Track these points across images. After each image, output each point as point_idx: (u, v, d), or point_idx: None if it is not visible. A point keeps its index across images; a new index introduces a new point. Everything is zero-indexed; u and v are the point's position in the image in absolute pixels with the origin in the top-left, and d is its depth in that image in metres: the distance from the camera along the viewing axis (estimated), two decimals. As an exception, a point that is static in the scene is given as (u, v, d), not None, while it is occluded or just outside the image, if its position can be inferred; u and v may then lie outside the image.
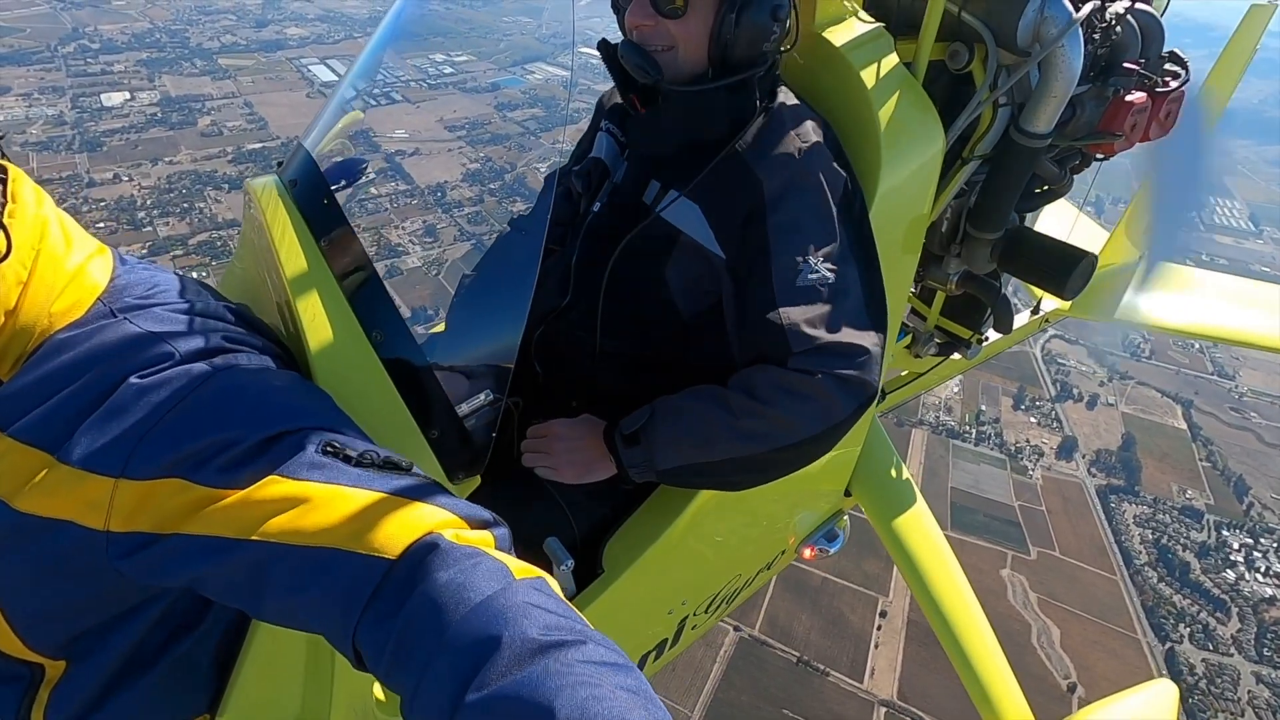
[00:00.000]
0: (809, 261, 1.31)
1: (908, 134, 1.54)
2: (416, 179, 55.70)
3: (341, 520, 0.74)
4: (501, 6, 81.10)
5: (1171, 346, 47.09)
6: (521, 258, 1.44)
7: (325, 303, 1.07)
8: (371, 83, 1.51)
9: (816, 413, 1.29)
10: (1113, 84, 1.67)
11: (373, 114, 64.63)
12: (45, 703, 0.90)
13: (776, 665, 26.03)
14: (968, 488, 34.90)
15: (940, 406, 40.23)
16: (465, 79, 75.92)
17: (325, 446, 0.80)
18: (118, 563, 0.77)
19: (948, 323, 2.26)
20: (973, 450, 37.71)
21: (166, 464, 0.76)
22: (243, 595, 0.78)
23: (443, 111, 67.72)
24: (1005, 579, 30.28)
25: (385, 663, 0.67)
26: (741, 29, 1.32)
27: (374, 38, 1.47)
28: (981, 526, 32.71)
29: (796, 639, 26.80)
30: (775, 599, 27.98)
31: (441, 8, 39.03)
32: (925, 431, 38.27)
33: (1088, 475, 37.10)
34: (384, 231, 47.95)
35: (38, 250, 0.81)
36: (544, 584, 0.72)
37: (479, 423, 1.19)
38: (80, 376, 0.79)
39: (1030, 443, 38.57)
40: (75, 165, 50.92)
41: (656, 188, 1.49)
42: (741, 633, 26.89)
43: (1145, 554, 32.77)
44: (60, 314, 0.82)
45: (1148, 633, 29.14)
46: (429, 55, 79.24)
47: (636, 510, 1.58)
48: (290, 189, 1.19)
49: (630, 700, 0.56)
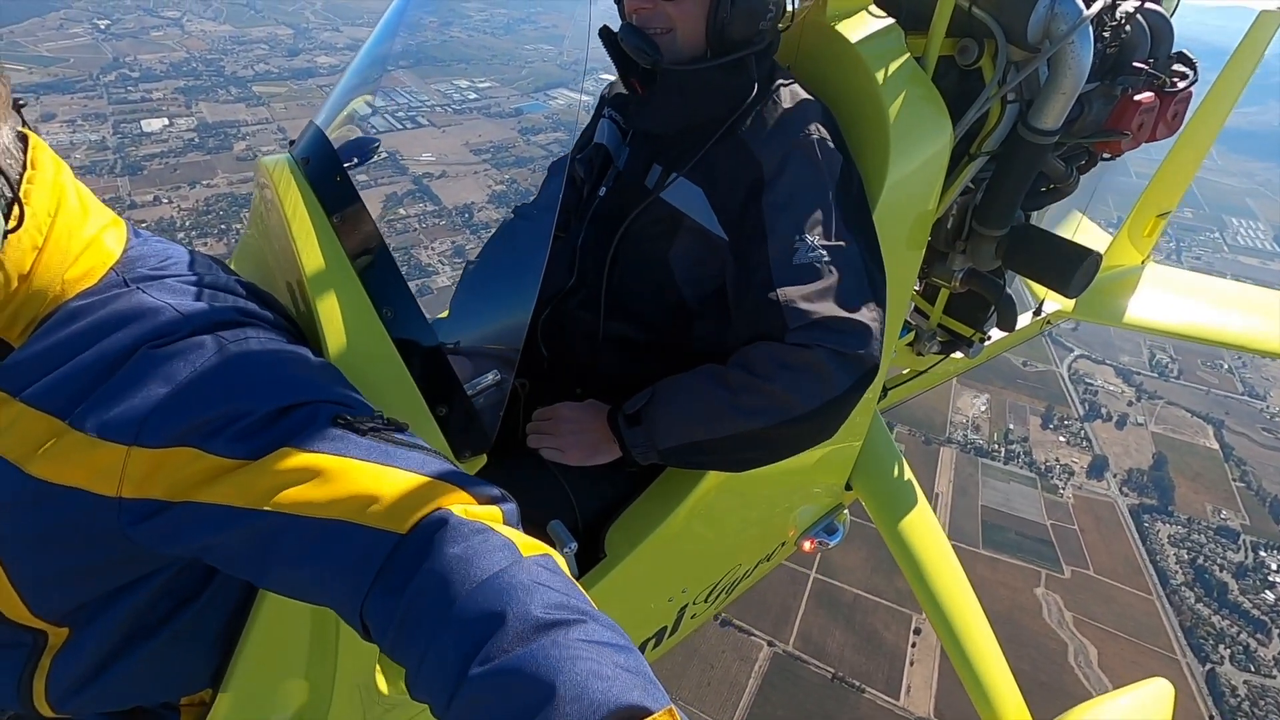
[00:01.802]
0: (806, 239, 1.31)
1: (916, 128, 1.55)
2: (444, 200, 56.84)
3: (352, 493, 0.75)
4: (524, 34, 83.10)
5: (1200, 366, 46.72)
6: (531, 241, 1.45)
7: (337, 279, 1.07)
8: (383, 69, 1.48)
9: (815, 387, 1.28)
10: (1121, 83, 1.66)
11: (399, 137, 66.41)
12: (46, 670, 0.90)
13: (812, 681, 25.87)
14: (998, 506, 34.64)
15: (968, 425, 40.11)
16: (489, 104, 77.45)
17: (337, 419, 0.80)
18: (129, 529, 0.78)
19: (951, 321, 2.27)
20: (1002, 469, 37.46)
21: (179, 433, 0.76)
22: (251, 565, 0.79)
23: (468, 135, 69.08)
24: (1039, 597, 29.97)
25: (391, 635, 0.68)
26: (738, 9, 1.34)
27: (380, 24, 1.47)
28: (1013, 545, 32.44)
29: (831, 655, 26.64)
30: (808, 615, 27.88)
31: (464, 34, 39.40)
32: (954, 450, 38.11)
33: (1119, 494, 36.71)
34: (413, 252, 48.83)
35: (54, 217, 0.81)
36: (551, 561, 0.73)
37: (486, 402, 1.19)
38: (93, 344, 0.79)
39: (1060, 462, 38.25)
40: (118, 188, 52.52)
41: (659, 171, 1.50)
42: (776, 648, 26.79)
43: (1181, 574, 32.29)
44: (74, 281, 0.82)
45: (1187, 653, 28.65)
46: (453, 81, 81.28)
47: (640, 496, 1.58)
48: (302, 166, 1.19)
49: (630, 680, 0.57)
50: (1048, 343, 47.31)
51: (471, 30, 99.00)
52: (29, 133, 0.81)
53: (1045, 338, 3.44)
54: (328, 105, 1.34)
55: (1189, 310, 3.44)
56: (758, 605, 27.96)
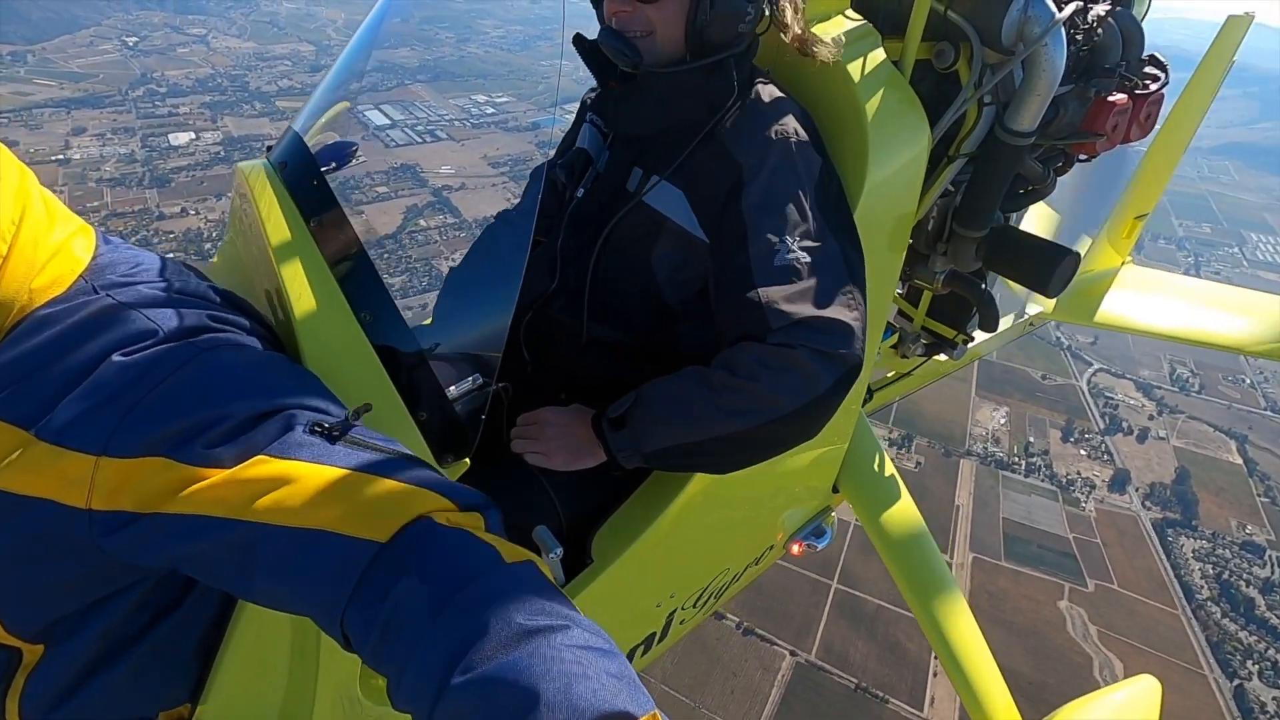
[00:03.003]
0: (785, 241, 1.32)
1: (895, 130, 1.56)
2: (464, 212, 57.60)
3: (331, 501, 0.73)
4: (540, 50, 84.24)
5: (1222, 381, 46.46)
6: (511, 245, 1.43)
7: (313, 283, 1.05)
8: (361, 75, 1.49)
9: (797, 386, 1.28)
10: (1095, 85, 1.69)
11: (419, 150, 67.26)
12: (20, 688, 0.87)
13: (835, 691, 25.83)
14: (1020, 518, 34.56)
15: (988, 437, 40.07)
16: (506, 118, 78.53)
17: (314, 426, 0.78)
18: (101, 540, 0.76)
19: (933, 323, 2.27)
20: (1023, 481, 37.39)
21: (149, 442, 0.74)
22: (229, 576, 0.76)
23: (486, 149, 70.05)
24: (1063, 611, 29.81)
25: (372, 645, 0.67)
26: (717, 11, 1.34)
27: (363, 27, 1.48)
28: (1036, 558, 32.31)
29: (854, 665, 26.61)
30: (830, 625, 27.89)
31: (480, 50, 39.87)
32: (974, 462, 38.08)
33: (1142, 508, 36.52)
34: (434, 262, 49.47)
35: (18, 224, 0.79)
36: (533, 568, 0.72)
37: (468, 406, 1.18)
38: (61, 353, 0.77)
39: (1081, 475, 38.15)
40: (146, 200, 53.72)
41: (639, 174, 1.50)
42: (798, 658, 26.78)
43: (1207, 589, 32.03)
44: (41, 290, 0.80)
45: (1214, 669, 28.36)
46: (471, 96, 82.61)
47: (626, 500, 1.57)
48: (280, 171, 1.18)
49: (616, 686, 0.57)
50: (1067, 357, 47.21)
51: (489, 46, 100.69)
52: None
53: (1064, 352, 3.61)
54: (306, 111, 1.32)
55: (1167, 310, 3.49)
56: (780, 615, 27.99)
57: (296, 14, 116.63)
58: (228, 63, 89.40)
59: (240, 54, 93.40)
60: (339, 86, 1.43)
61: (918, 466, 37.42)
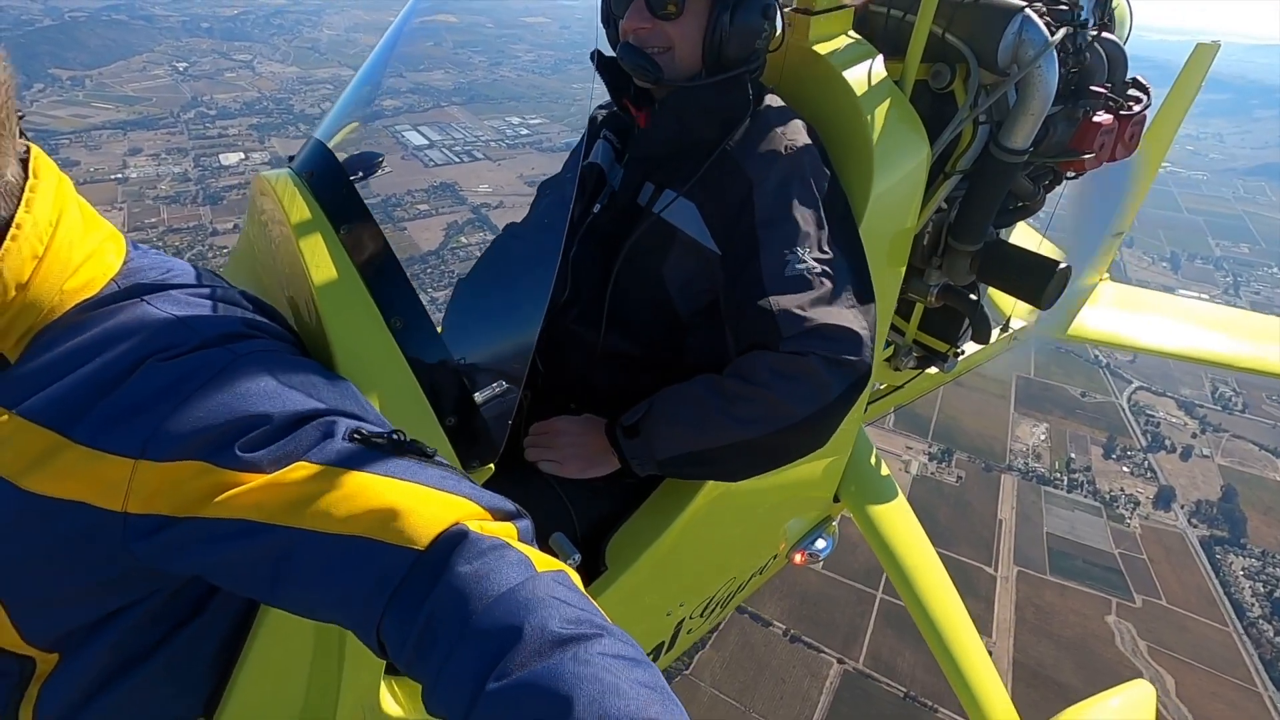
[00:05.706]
0: (796, 252, 1.35)
1: (898, 147, 1.61)
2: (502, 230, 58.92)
3: (369, 508, 0.73)
4: (571, 74, 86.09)
5: (1265, 400, 45.87)
6: (541, 254, 1.41)
7: (345, 290, 1.06)
8: (381, 88, 1.51)
9: (809, 393, 1.30)
10: (1082, 105, 1.75)
11: (458, 169, 68.86)
12: (35, 699, 0.87)
13: (884, 699, 25.91)
14: (1064, 534, 34.39)
15: (1028, 453, 40.00)
16: (541, 139, 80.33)
17: (351, 433, 0.78)
18: (133, 545, 0.75)
19: (925, 337, 2.31)
20: (1065, 497, 37.21)
21: (188, 446, 0.74)
22: (261, 582, 0.75)
23: (521, 169, 71.59)
24: (1112, 625, 29.62)
25: (408, 651, 0.67)
26: (734, 28, 1.38)
27: (385, 38, 1.51)
28: (1081, 572, 32.14)
29: (901, 674, 26.66)
30: (876, 634, 27.98)
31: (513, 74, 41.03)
32: (1015, 477, 38.02)
33: (1188, 526, 36.15)
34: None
35: (55, 227, 0.78)
36: (565, 577, 0.72)
37: (495, 412, 1.18)
38: (96, 357, 0.77)
39: (1125, 492, 37.88)
40: (200, 216, 55.98)
41: (650, 189, 1.53)
42: (845, 665, 26.93)
43: (1258, 607, 31.60)
44: (73, 292, 0.80)
45: (1269, 686, 27.96)
46: (505, 118, 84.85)
47: (639, 508, 1.58)
48: (306, 179, 1.18)
49: (648, 695, 0.57)
50: (1106, 375, 46.99)
51: (521, 70, 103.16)
52: (30, 144, 0.79)
53: (1103, 370, 3.89)
54: (328, 121, 1.35)
55: (1142, 325, 3.66)
56: (825, 623, 28.17)
57: (337, 40, 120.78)
58: (273, 86, 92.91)
59: (284, 78, 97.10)
60: (360, 98, 1.46)
61: (959, 481, 37.46)
